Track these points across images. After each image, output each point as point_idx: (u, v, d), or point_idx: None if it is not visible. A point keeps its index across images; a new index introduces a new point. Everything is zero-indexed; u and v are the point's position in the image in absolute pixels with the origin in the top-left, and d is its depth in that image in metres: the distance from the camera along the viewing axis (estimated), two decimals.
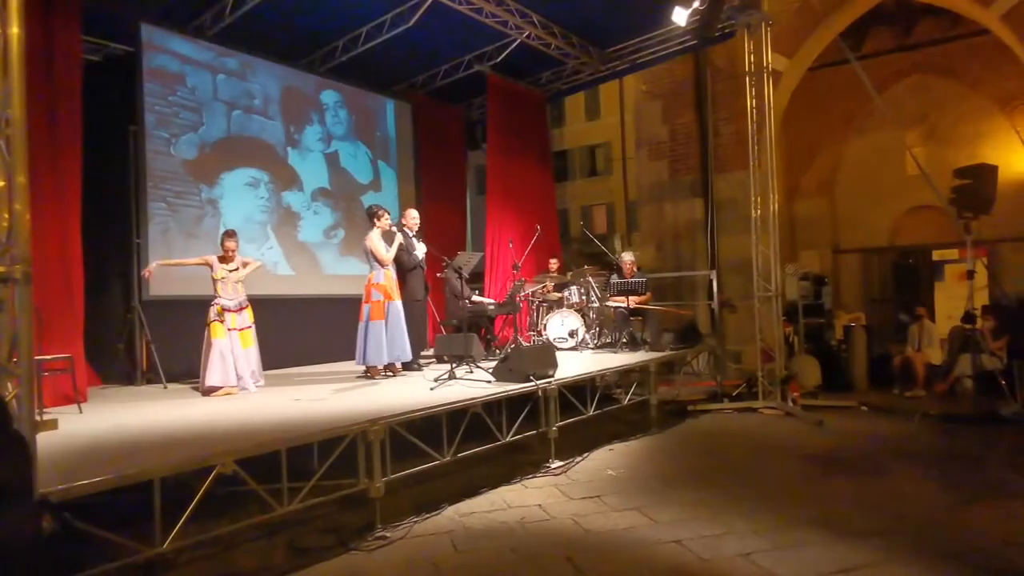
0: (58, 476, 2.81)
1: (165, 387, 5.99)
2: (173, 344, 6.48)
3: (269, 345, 7.26)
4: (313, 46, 8.13)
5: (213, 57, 7.21)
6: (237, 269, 5.65)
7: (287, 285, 7.80)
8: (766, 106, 7.50)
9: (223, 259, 5.61)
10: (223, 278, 5.56)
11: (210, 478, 3.17)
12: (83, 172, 5.48)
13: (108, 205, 6.42)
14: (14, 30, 2.73)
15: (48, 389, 4.76)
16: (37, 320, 4.72)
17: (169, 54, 6.81)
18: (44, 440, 3.71)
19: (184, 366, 6.56)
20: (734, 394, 7.69)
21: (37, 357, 3.45)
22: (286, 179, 7.91)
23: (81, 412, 4.64)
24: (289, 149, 7.98)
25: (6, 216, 2.70)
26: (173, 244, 6.67)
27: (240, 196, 7.38)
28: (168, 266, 5.72)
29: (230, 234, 5.69)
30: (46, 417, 4.18)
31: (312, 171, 8.22)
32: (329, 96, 8.53)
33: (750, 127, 7.61)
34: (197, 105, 7.03)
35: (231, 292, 5.56)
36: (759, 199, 7.57)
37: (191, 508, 3.09)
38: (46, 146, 5.15)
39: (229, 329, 5.43)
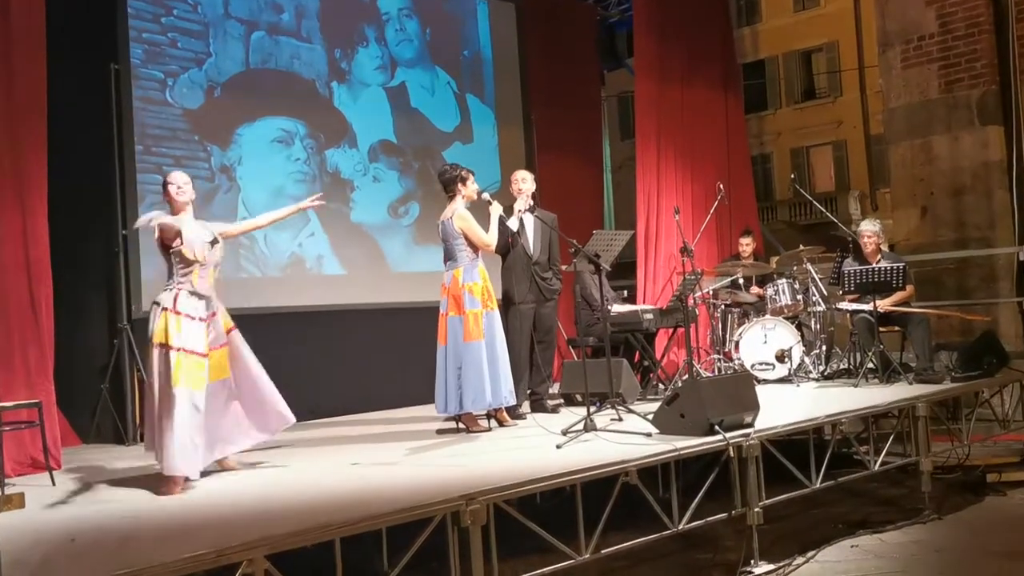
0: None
1: None
2: None
3: (310, 381, 7.61)
4: None
5: None
6: (216, 241, 4.95)
7: (336, 290, 8.13)
8: None
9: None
10: (200, 261, 4.79)
11: None
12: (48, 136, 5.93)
13: (80, 182, 6.91)
14: None
15: (9, 450, 5.19)
16: None
17: None
18: (6, 523, 4.05)
19: None
20: None
21: None
22: (332, 131, 8.26)
23: (54, 484, 5.00)
24: (335, 85, 8.32)
25: None
26: None
27: (266, 159, 7.80)
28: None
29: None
30: (8, 490, 4.54)
31: (369, 116, 8.53)
32: (391, 0, 8.79)
33: None
34: (202, 28, 7.49)
35: (207, 286, 4.86)
36: None
37: None
38: (1, 104, 5.64)
39: (189, 352, 4.66)
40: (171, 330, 4.64)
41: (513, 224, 6.48)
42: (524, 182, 6.70)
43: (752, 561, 5.02)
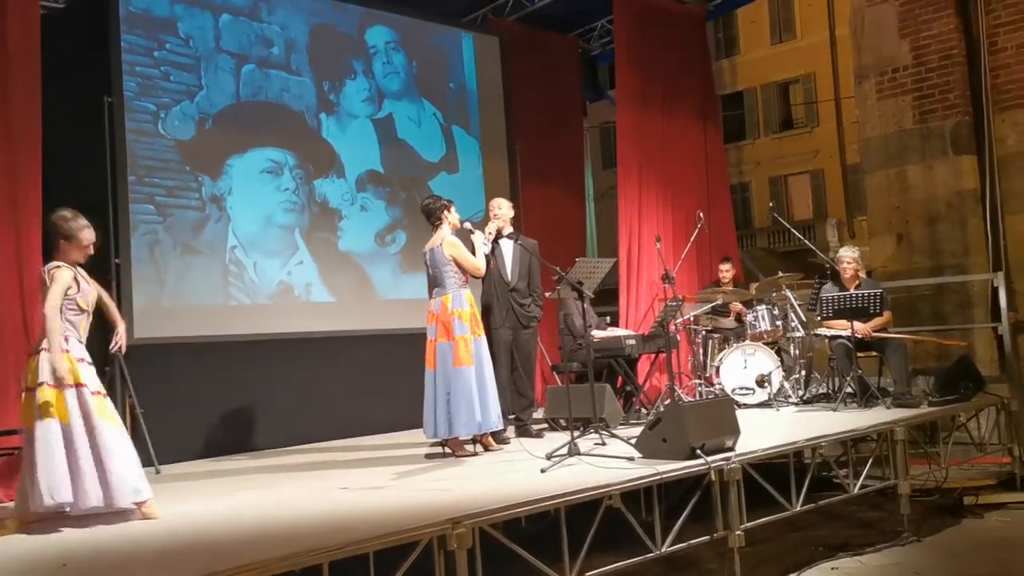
0: None
1: (158, 472, 6.35)
2: (169, 408, 6.89)
3: (299, 407, 7.61)
4: None
5: None
6: (93, 290, 4.86)
7: (325, 317, 8.13)
8: None
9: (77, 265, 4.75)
10: (86, 309, 4.74)
11: None
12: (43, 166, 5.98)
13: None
14: None
15: (2, 475, 5.18)
16: None
17: None
18: None
19: (185, 440, 6.95)
20: None
21: None
22: (320, 161, 8.30)
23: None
24: (323, 116, 8.38)
25: None
26: (166, 264, 7.14)
27: (256, 189, 7.83)
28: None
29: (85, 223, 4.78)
30: (1, 515, 4.54)
31: (357, 147, 8.58)
32: (378, 35, 8.89)
33: None
34: (193, 61, 7.54)
35: (84, 330, 4.77)
36: None
37: None
38: None
39: (79, 386, 4.57)
40: (79, 371, 4.57)
41: (487, 248, 6.52)
42: (499, 207, 6.78)
43: None
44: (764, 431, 6.14)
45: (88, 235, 4.74)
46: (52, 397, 4.48)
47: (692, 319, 8.53)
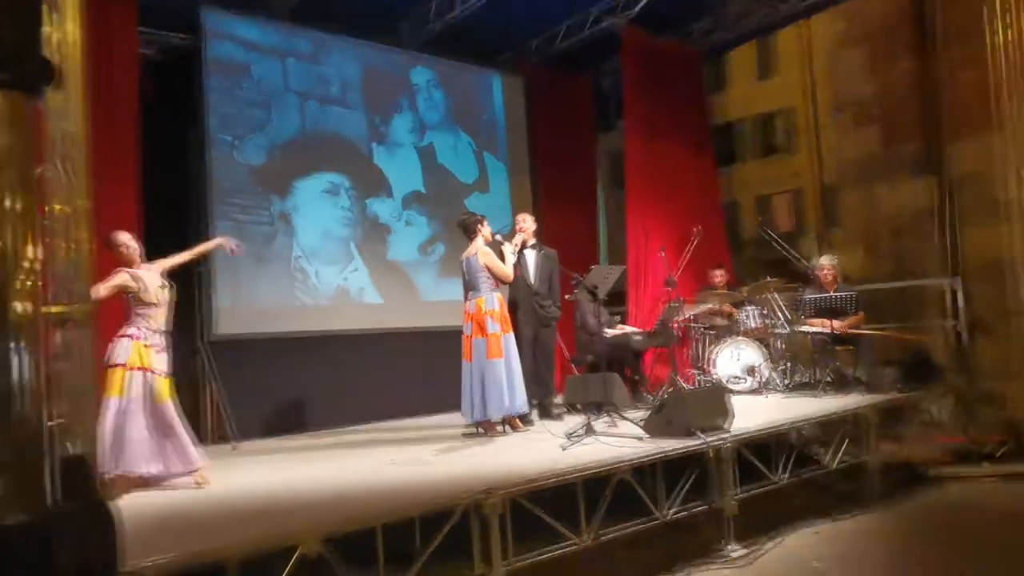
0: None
1: (234, 448, 6.45)
2: (247, 394, 6.97)
3: (353, 393, 7.67)
4: (399, 14, 8.56)
5: (281, 40, 7.82)
6: (164, 286, 4.89)
7: (375, 316, 8.18)
8: None
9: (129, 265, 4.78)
10: (158, 301, 4.80)
11: (292, 560, 3.36)
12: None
13: (165, 227, 7.02)
14: (70, 27, 3.05)
15: None
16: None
17: (232, 41, 7.46)
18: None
19: (260, 421, 7.03)
20: (996, 454, 7.16)
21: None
22: (371, 183, 8.35)
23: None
24: (374, 145, 8.43)
25: (62, 245, 3.03)
26: (241, 271, 7.21)
27: (317, 207, 7.90)
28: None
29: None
30: None
31: (403, 171, 8.63)
32: (421, 75, 8.94)
33: (998, 70, 7.10)
34: (264, 99, 7.63)
35: (161, 320, 4.82)
36: (1019, 171, 7.06)
37: None
38: (104, 163, 5.76)
39: (145, 370, 4.66)
40: (145, 357, 4.68)
41: (514, 257, 6.49)
42: (524, 222, 6.78)
43: (728, 546, 5.03)
44: (754, 414, 6.12)
45: (118, 237, 4.83)
46: (120, 377, 4.60)
47: (691, 318, 8.50)
